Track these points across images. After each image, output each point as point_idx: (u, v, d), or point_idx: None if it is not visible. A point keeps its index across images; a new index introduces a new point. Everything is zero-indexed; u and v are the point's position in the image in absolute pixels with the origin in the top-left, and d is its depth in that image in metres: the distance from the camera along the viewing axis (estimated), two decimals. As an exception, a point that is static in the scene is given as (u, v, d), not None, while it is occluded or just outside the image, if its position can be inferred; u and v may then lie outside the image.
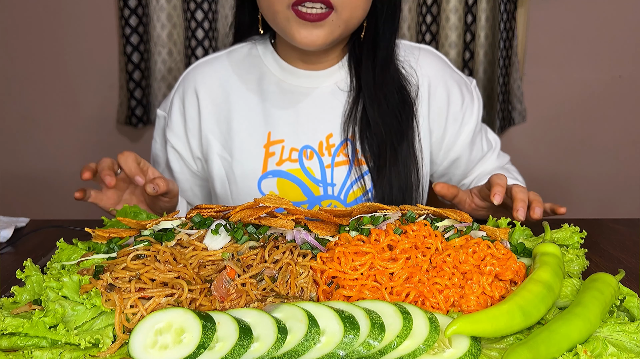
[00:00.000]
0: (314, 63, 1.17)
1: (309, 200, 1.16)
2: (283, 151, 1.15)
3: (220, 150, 1.18)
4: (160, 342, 0.61)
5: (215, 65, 1.23)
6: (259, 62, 1.20)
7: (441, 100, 1.21)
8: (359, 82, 1.15)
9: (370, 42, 1.13)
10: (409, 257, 0.76)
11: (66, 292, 0.69)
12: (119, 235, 0.83)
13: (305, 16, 0.98)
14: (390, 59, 1.15)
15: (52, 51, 2.23)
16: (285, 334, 0.62)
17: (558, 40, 2.28)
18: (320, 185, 1.15)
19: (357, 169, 1.15)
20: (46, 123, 2.32)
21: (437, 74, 1.22)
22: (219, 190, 1.21)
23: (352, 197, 1.16)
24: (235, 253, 0.75)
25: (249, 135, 1.17)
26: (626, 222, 1.19)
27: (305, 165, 1.16)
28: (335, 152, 1.16)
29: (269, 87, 1.18)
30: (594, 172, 2.43)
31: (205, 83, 1.20)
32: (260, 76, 1.19)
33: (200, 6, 2.12)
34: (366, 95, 1.14)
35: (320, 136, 1.16)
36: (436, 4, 2.14)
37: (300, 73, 1.17)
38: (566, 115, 2.37)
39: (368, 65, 1.14)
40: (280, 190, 1.16)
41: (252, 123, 1.17)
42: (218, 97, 1.19)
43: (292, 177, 1.15)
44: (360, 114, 1.14)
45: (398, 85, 1.16)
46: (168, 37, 2.12)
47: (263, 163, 1.16)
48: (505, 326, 0.64)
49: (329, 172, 1.15)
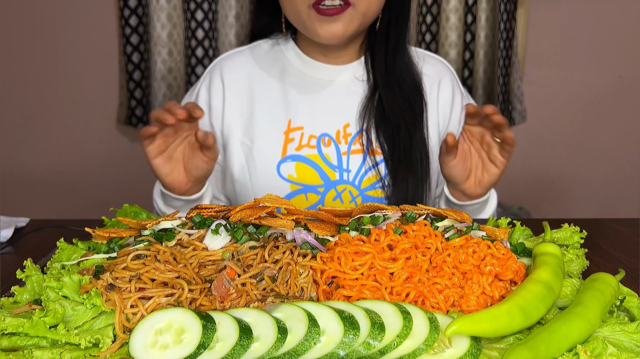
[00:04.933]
0: (333, 57, 1.23)
1: (325, 184, 1.20)
2: (302, 137, 1.21)
3: (241, 137, 1.23)
4: (160, 342, 0.61)
5: (240, 58, 1.29)
6: (281, 56, 1.27)
7: (447, 98, 1.27)
8: (373, 73, 1.22)
9: (384, 31, 1.20)
10: (409, 257, 0.76)
11: (66, 292, 0.69)
12: (119, 235, 0.83)
13: (326, 12, 1.06)
14: (402, 46, 1.22)
15: (52, 51, 2.23)
16: (285, 334, 0.62)
17: (558, 40, 2.28)
18: (337, 170, 1.20)
19: (372, 158, 1.20)
20: (46, 123, 2.32)
21: (445, 75, 1.29)
22: (237, 175, 1.24)
23: (366, 183, 1.21)
24: (235, 253, 0.75)
25: (270, 122, 1.22)
26: (626, 222, 1.19)
27: (323, 151, 1.21)
28: (352, 140, 1.21)
29: (290, 78, 1.25)
30: (594, 172, 2.43)
31: (231, 74, 1.26)
32: (282, 68, 1.26)
33: (200, 6, 2.12)
34: (380, 84, 1.20)
35: (338, 125, 1.22)
36: (436, 4, 2.14)
37: (320, 66, 1.24)
38: (566, 115, 2.37)
39: (381, 54, 1.21)
40: (299, 173, 1.20)
41: (273, 111, 1.23)
42: (243, 87, 1.25)
43: (309, 162, 1.20)
44: (376, 104, 1.21)
45: (410, 71, 1.23)
46: (168, 37, 2.12)
47: (283, 148, 1.21)
48: (505, 326, 0.64)
49: (345, 158, 1.21)
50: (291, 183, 1.19)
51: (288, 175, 1.20)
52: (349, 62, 1.24)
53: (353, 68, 1.24)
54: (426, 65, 1.28)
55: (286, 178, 1.19)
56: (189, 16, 2.14)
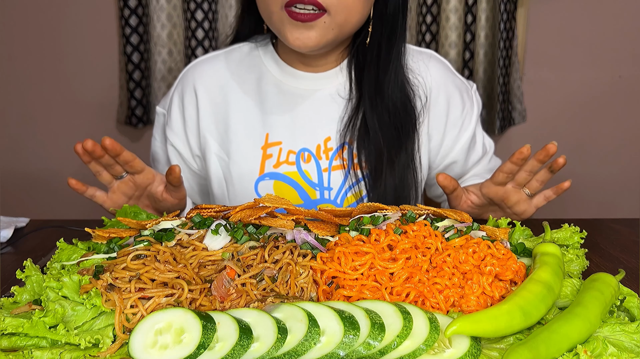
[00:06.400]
0: (313, 65, 1.16)
1: (306, 203, 1.16)
2: (280, 153, 1.15)
3: (217, 150, 1.18)
4: (160, 342, 0.61)
5: (214, 64, 1.22)
6: (259, 62, 1.20)
7: (442, 107, 1.20)
8: (359, 88, 1.14)
9: (375, 49, 1.11)
10: (409, 257, 0.76)
11: (66, 292, 0.69)
12: (119, 235, 0.83)
13: (297, 16, 0.98)
14: (395, 69, 1.13)
15: (52, 51, 2.23)
16: (285, 334, 0.62)
17: (558, 40, 2.28)
18: (317, 189, 1.15)
19: (354, 174, 1.14)
20: (46, 123, 2.32)
21: (439, 80, 1.21)
22: (216, 191, 1.21)
23: (348, 202, 1.16)
24: (235, 253, 0.75)
25: (247, 136, 1.17)
26: (626, 222, 1.19)
27: (302, 167, 1.15)
28: (333, 155, 1.15)
29: (267, 87, 1.18)
30: (594, 172, 2.43)
31: (204, 82, 1.20)
32: (259, 76, 1.19)
33: (200, 6, 2.11)
34: (367, 103, 1.12)
35: (318, 139, 1.16)
36: (436, 4, 2.14)
37: (299, 74, 1.17)
38: (566, 115, 2.37)
39: (371, 73, 1.12)
40: (277, 192, 1.16)
41: (249, 124, 1.17)
42: (216, 96, 1.19)
43: (289, 180, 1.15)
44: (360, 121, 1.13)
45: (402, 96, 1.14)
46: (168, 37, 2.12)
47: (260, 164, 1.16)
48: (505, 326, 0.64)
49: (325, 175, 1.15)
50: None
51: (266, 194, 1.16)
52: (329, 69, 1.17)
53: (334, 77, 1.17)
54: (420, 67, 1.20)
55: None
56: (189, 16, 2.13)
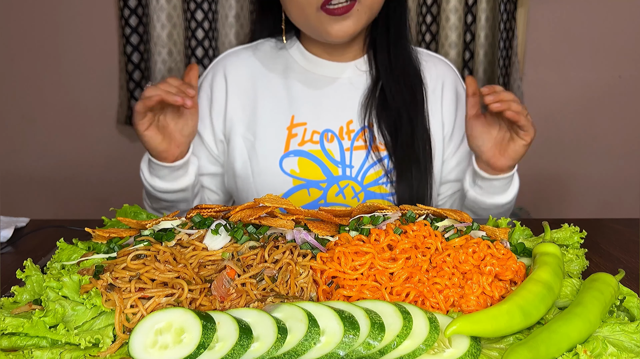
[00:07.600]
0: (338, 55, 1.24)
1: (328, 179, 1.21)
2: (305, 133, 1.22)
3: (243, 132, 1.24)
4: (160, 342, 0.61)
5: (243, 55, 1.29)
6: (285, 54, 1.28)
7: (452, 99, 1.28)
8: (377, 66, 1.24)
9: (383, 20, 1.21)
10: (409, 257, 0.76)
11: (66, 292, 0.69)
12: (119, 235, 0.83)
13: (335, 12, 1.07)
14: (404, 35, 1.23)
15: (52, 51, 2.23)
16: (285, 334, 0.62)
17: (558, 40, 2.28)
18: (339, 166, 1.21)
19: (375, 154, 1.21)
20: (46, 123, 2.32)
21: (449, 76, 1.29)
22: (239, 170, 1.25)
23: (369, 179, 1.21)
24: (235, 253, 0.75)
25: (273, 117, 1.23)
26: (626, 222, 1.19)
27: (325, 147, 1.21)
28: (355, 136, 1.22)
29: (294, 75, 1.25)
30: (594, 172, 2.43)
31: (234, 70, 1.27)
32: (286, 66, 1.27)
33: (200, 6, 2.12)
34: (382, 73, 1.22)
35: (341, 121, 1.22)
36: (436, 4, 2.14)
37: (324, 64, 1.24)
38: (566, 115, 2.37)
39: (383, 43, 1.22)
40: (301, 168, 1.20)
41: (276, 106, 1.24)
42: (246, 83, 1.26)
43: (312, 157, 1.21)
44: (378, 95, 1.22)
45: (412, 60, 1.25)
46: (168, 37, 2.12)
47: (285, 143, 1.21)
48: (505, 326, 0.64)
49: (348, 154, 1.21)
50: (293, 178, 1.19)
51: (290, 170, 1.20)
52: (352, 59, 1.25)
53: (357, 65, 1.25)
54: (429, 65, 1.28)
55: (289, 173, 1.20)
56: (189, 16, 2.14)
